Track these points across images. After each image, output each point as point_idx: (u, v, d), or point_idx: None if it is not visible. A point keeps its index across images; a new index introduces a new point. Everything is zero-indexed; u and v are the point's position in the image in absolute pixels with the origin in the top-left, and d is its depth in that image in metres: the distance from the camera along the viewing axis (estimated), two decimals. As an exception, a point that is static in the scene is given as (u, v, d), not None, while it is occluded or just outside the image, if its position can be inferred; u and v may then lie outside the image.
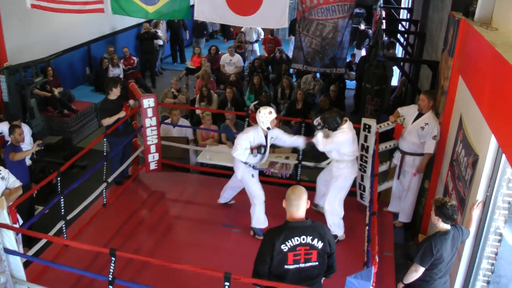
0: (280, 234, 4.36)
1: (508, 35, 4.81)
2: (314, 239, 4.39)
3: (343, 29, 10.88)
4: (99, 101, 12.66)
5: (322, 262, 4.51)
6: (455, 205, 4.99)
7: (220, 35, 22.89)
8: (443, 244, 4.95)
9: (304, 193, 4.44)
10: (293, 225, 4.40)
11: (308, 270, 4.50)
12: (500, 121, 4.16)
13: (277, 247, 4.33)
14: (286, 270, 4.44)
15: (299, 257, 4.40)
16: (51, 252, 6.67)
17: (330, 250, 4.50)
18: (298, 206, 4.41)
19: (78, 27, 13.64)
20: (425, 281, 5.16)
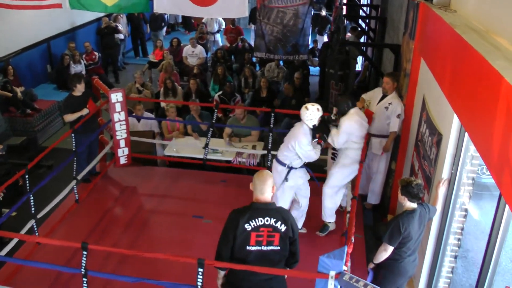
0: (245, 214, 4.44)
1: (467, 17, 4.91)
2: (278, 221, 4.44)
3: (304, 15, 10.93)
4: (62, 99, 12.48)
5: (283, 247, 4.54)
6: (421, 184, 5.07)
7: (181, 27, 22.73)
8: (410, 222, 5.03)
9: (269, 178, 4.50)
10: (258, 206, 4.47)
11: (269, 254, 4.53)
12: (462, 100, 4.26)
13: (241, 225, 4.40)
14: (248, 251, 4.48)
15: (261, 239, 4.46)
16: (23, 252, 6.59)
17: (292, 235, 4.53)
18: (262, 190, 4.47)
19: (37, 24, 13.37)
20: (395, 259, 5.24)
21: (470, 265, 6.95)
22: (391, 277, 5.35)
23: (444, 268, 5.49)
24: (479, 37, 4.01)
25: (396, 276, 5.36)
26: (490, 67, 3.27)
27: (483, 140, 3.57)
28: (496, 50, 3.58)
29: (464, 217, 5.22)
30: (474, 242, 7.30)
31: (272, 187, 4.52)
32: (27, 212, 6.72)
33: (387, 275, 5.36)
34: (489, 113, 3.36)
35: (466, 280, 6.75)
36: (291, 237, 4.53)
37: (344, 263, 4.29)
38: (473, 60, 3.73)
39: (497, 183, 3.24)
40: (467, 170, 5.00)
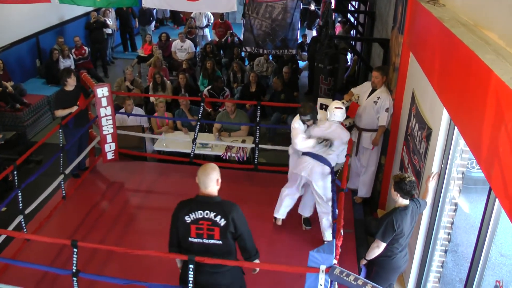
0: (186, 206, 4.49)
1: (455, 11, 4.91)
2: (217, 216, 4.42)
3: (293, 10, 10.91)
4: (51, 93, 12.39)
5: (225, 241, 4.50)
6: (414, 181, 5.05)
7: (170, 22, 22.65)
8: (403, 219, 5.00)
9: (212, 172, 4.47)
10: (200, 199, 4.48)
11: (212, 248, 4.51)
12: (451, 94, 4.26)
13: (181, 217, 4.45)
14: (190, 243, 4.51)
15: (202, 231, 4.46)
16: (11, 249, 6.53)
17: (234, 230, 4.47)
18: (205, 184, 4.44)
19: (25, 18, 13.25)
20: (387, 256, 5.23)
21: (460, 259, 6.98)
22: (384, 273, 5.35)
23: (434, 262, 5.49)
24: (468, 31, 4.00)
25: (388, 273, 5.36)
26: (479, 61, 3.26)
27: (473, 134, 3.57)
28: (485, 44, 3.57)
29: (454, 211, 5.22)
30: (464, 236, 7.34)
31: (216, 181, 4.48)
32: (15, 207, 6.66)
33: (379, 272, 5.35)
34: (478, 107, 3.35)
35: (456, 275, 6.79)
36: (234, 232, 4.49)
37: (334, 256, 4.29)
38: (462, 54, 3.72)
39: (487, 177, 3.23)
40: (457, 164, 5.00)
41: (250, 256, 4.70)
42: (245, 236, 4.56)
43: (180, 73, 12.24)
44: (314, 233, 6.98)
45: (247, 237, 4.59)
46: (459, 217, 5.39)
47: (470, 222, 7.53)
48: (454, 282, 6.73)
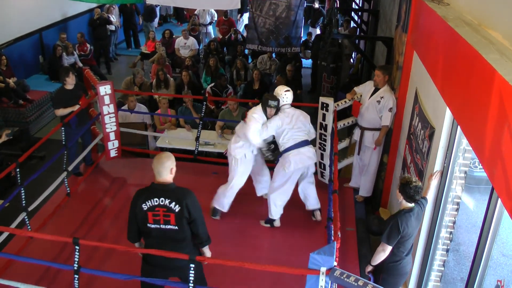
0: (142, 194, 4.71)
1: (459, 10, 4.90)
2: (172, 202, 4.61)
3: (296, 7, 10.93)
4: (54, 89, 12.42)
5: (181, 227, 4.69)
6: (420, 187, 4.98)
7: (173, 19, 22.65)
8: (408, 221, 4.95)
9: (167, 161, 4.70)
10: (155, 187, 4.69)
11: (170, 232, 4.72)
12: (454, 93, 4.26)
13: (139, 205, 4.67)
14: (149, 228, 4.73)
15: (158, 218, 4.66)
16: (14, 245, 6.54)
17: (189, 216, 4.65)
18: (160, 172, 4.66)
19: (29, 14, 13.29)
20: (395, 261, 5.17)
21: (462, 258, 6.98)
22: (391, 280, 5.26)
23: (435, 261, 5.49)
24: (472, 31, 3.99)
25: (396, 278, 5.29)
26: (483, 61, 3.26)
27: (476, 134, 3.57)
28: (489, 44, 3.56)
29: (456, 211, 5.21)
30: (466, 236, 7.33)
31: (170, 169, 4.70)
32: (18, 202, 6.66)
33: (387, 279, 5.26)
34: (481, 107, 3.35)
35: (457, 274, 6.78)
36: (187, 217, 4.66)
37: (334, 258, 4.28)
38: (466, 53, 3.72)
39: (489, 177, 3.23)
40: (459, 163, 4.99)
41: (202, 241, 4.90)
42: (198, 222, 4.73)
43: (184, 70, 12.24)
44: (315, 231, 6.98)
45: (200, 223, 4.76)
46: (461, 216, 5.38)
47: (472, 221, 7.52)
48: (455, 281, 6.73)
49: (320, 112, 7.56)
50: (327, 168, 7.78)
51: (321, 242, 6.26)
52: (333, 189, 6.08)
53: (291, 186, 6.98)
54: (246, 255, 6.49)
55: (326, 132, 7.60)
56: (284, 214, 7.34)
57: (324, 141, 7.68)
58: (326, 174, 7.92)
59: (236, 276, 5.95)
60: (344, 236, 6.69)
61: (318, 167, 8.03)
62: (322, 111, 7.53)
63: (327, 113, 7.49)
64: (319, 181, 8.11)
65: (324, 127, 7.59)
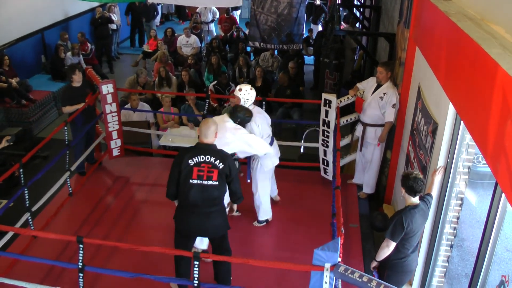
0: (189, 151, 5.23)
1: (461, 4, 4.88)
2: (217, 160, 5.15)
3: (298, 4, 10.92)
4: (57, 89, 12.46)
5: (221, 183, 5.19)
6: (420, 179, 4.97)
7: (175, 17, 22.65)
8: (413, 218, 4.94)
9: (212, 125, 5.23)
10: (201, 146, 5.23)
11: (209, 189, 5.16)
12: (457, 89, 4.24)
13: (185, 160, 5.14)
14: (190, 184, 5.15)
15: (202, 173, 5.14)
16: (18, 245, 6.55)
17: (229, 173, 5.20)
18: (206, 135, 5.20)
19: (31, 14, 13.31)
20: (399, 258, 5.16)
21: (466, 254, 6.97)
22: (396, 277, 5.24)
23: (439, 257, 5.48)
24: (474, 25, 3.98)
25: (400, 275, 5.27)
26: (485, 55, 3.24)
27: (479, 129, 3.55)
28: (492, 38, 3.55)
29: (460, 206, 5.20)
30: (470, 231, 7.32)
31: (215, 133, 5.25)
32: (21, 202, 6.67)
33: (391, 276, 5.24)
34: (485, 102, 3.34)
35: (461, 269, 6.78)
36: (228, 175, 5.20)
37: (338, 254, 4.28)
38: (468, 48, 3.70)
39: (493, 172, 3.22)
40: (463, 158, 4.98)
41: (238, 197, 5.45)
42: (235, 179, 5.31)
43: (183, 70, 12.25)
44: (319, 228, 6.97)
45: (237, 180, 5.33)
46: (464, 212, 5.37)
47: (476, 217, 7.51)
48: (459, 277, 6.73)
49: (323, 109, 7.55)
50: (330, 164, 7.77)
51: (325, 238, 6.25)
52: (336, 185, 6.08)
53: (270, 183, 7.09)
54: (251, 252, 6.50)
55: (329, 128, 7.59)
56: (287, 211, 7.35)
57: (327, 137, 7.67)
58: (329, 170, 7.91)
59: (240, 273, 5.95)
60: (348, 232, 6.69)
61: (321, 164, 8.03)
62: (325, 107, 7.52)
63: (329, 109, 7.48)
64: (322, 177, 8.11)
65: (327, 123, 7.58)
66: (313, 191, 7.93)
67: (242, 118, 6.29)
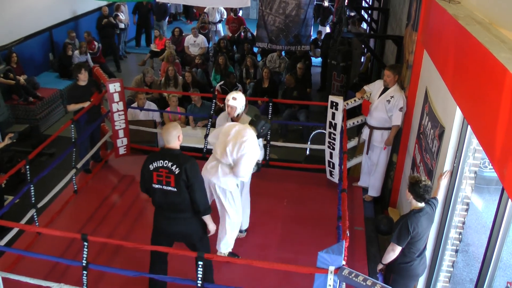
0: (152, 157, 5.19)
1: (470, 8, 4.86)
2: (174, 165, 5.02)
3: (306, 6, 10.89)
4: (64, 87, 12.47)
5: (179, 189, 5.04)
6: (429, 186, 4.94)
7: (183, 17, 22.67)
8: (418, 222, 4.92)
9: (173, 130, 5.12)
10: (162, 151, 5.19)
11: (169, 194, 5.09)
12: (464, 93, 4.22)
13: (147, 165, 5.16)
14: (153, 188, 5.16)
15: (161, 178, 5.07)
16: (23, 242, 6.57)
17: (187, 179, 5.02)
18: (168, 140, 5.12)
19: (39, 12, 13.34)
20: (406, 263, 5.15)
21: (471, 259, 6.94)
22: (402, 281, 5.22)
23: (444, 262, 5.46)
24: (483, 29, 3.96)
25: (406, 280, 5.25)
26: (494, 59, 3.22)
27: (486, 133, 3.53)
28: (500, 42, 3.53)
29: (465, 211, 5.18)
30: (475, 236, 7.29)
31: (177, 137, 5.13)
32: (27, 199, 6.70)
33: (397, 279, 5.23)
34: (492, 106, 3.31)
35: (466, 275, 6.75)
36: (185, 181, 5.01)
37: (343, 257, 4.27)
38: (476, 52, 3.68)
39: (500, 177, 3.20)
40: (469, 163, 4.96)
41: (199, 210, 5.16)
42: (195, 187, 5.06)
43: (187, 71, 12.25)
44: (324, 230, 6.95)
45: (197, 189, 5.09)
46: (470, 217, 5.35)
47: (481, 222, 7.48)
48: (464, 282, 6.70)
49: (330, 111, 7.53)
50: (337, 167, 7.75)
51: (329, 241, 6.24)
52: (342, 188, 6.06)
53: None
54: (255, 254, 6.48)
55: (335, 131, 7.56)
56: (292, 212, 7.33)
57: (333, 140, 7.65)
58: (335, 173, 7.88)
59: (244, 274, 5.94)
60: (352, 235, 6.66)
61: (327, 166, 8.01)
62: (332, 110, 7.50)
63: (336, 111, 7.45)
64: (327, 179, 8.09)
65: (334, 126, 7.56)
66: (319, 193, 7.91)
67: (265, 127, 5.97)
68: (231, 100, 6.27)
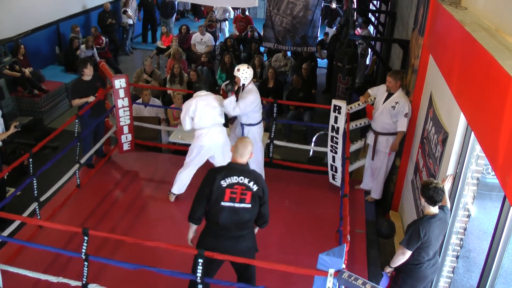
0: (221, 171, 4.89)
1: (477, 14, 4.86)
2: (251, 181, 4.85)
3: (314, 7, 10.89)
4: (69, 81, 12.49)
5: (254, 205, 4.90)
6: (440, 188, 4.84)
7: (191, 14, 22.68)
8: (430, 227, 4.87)
9: (250, 145, 4.95)
10: (234, 166, 4.91)
11: (240, 212, 4.88)
12: (469, 99, 4.22)
13: (217, 181, 4.81)
14: (221, 207, 4.85)
15: (235, 195, 4.84)
16: (24, 234, 6.58)
17: (263, 196, 4.92)
18: (242, 154, 4.90)
19: (47, 5, 13.40)
20: (414, 264, 5.10)
21: (472, 265, 6.92)
22: (410, 281, 5.19)
23: (445, 268, 5.46)
24: (489, 36, 3.96)
25: (415, 281, 5.20)
26: (499, 67, 3.22)
27: (489, 140, 3.53)
28: (506, 50, 3.53)
29: (467, 217, 5.17)
30: (476, 242, 7.27)
31: (250, 154, 4.96)
32: (30, 191, 6.72)
33: (406, 280, 5.18)
34: (496, 113, 3.31)
35: (467, 281, 6.73)
36: (261, 197, 4.92)
37: (343, 260, 4.27)
38: (482, 59, 3.68)
39: (502, 184, 3.20)
40: (472, 169, 4.95)
41: (265, 221, 5.15)
42: (267, 203, 5.01)
43: (192, 69, 12.25)
44: (324, 232, 6.95)
45: (267, 204, 5.03)
46: (471, 223, 5.33)
47: (483, 229, 7.46)
48: (464, 288, 6.69)
49: (332, 115, 7.51)
50: (339, 170, 7.74)
51: (330, 243, 6.24)
52: (344, 193, 6.07)
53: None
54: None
55: (338, 134, 7.55)
56: (294, 213, 7.33)
57: (335, 143, 7.63)
58: (337, 176, 7.87)
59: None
60: (353, 238, 6.66)
61: (330, 170, 8.00)
62: (334, 113, 7.48)
63: (339, 115, 7.44)
64: (330, 183, 8.09)
65: (336, 129, 7.54)
66: (321, 195, 7.91)
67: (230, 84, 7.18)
68: (236, 71, 7.17)
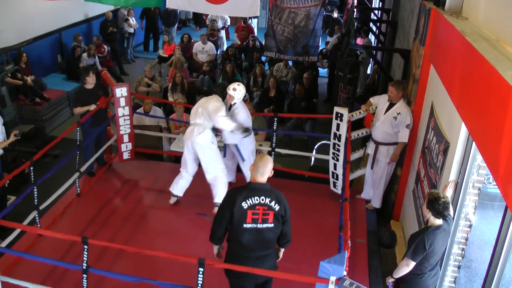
0: (242, 192, 4.70)
1: (478, 24, 4.87)
2: (272, 201, 4.69)
3: (316, 17, 10.92)
4: (71, 89, 12.54)
5: (277, 224, 4.76)
6: (448, 203, 4.86)
7: (192, 23, 22.75)
8: (435, 239, 4.87)
9: (270, 163, 4.77)
10: (254, 186, 4.73)
11: (264, 232, 4.74)
12: (470, 109, 4.22)
13: (238, 203, 4.64)
14: (243, 229, 4.70)
15: (257, 216, 4.69)
16: (24, 243, 6.58)
17: (285, 214, 4.78)
18: (263, 173, 4.74)
19: (49, 14, 13.43)
20: (416, 274, 5.09)
21: (473, 275, 6.90)
22: None
23: (446, 277, 5.44)
24: (489, 46, 3.97)
25: None
26: (499, 77, 3.23)
27: (491, 150, 3.53)
28: (507, 60, 3.54)
29: (468, 227, 5.16)
30: (478, 252, 7.25)
31: (271, 171, 4.79)
32: (30, 200, 6.70)
33: None
34: (497, 123, 3.32)
35: (468, 291, 6.71)
36: (283, 216, 4.78)
37: (344, 268, 4.26)
38: (482, 69, 3.69)
39: (503, 194, 3.20)
40: (473, 179, 4.95)
41: (287, 241, 5.00)
42: (288, 222, 4.88)
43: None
44: (325, 240, 6.94)
45: (289, 223, 4.90)
46: (473, 233, 5.31)
47: (484, 239, 7.44)
48: (466, 298, 6.67)
49: (334, 122, 7.52)
50: (340, 178, 7.74)
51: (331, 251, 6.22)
52: (344, 197, 6.07)
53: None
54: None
55: (339, 142, 7.55)
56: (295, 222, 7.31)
57: (337, 151, 7.64)
58: (338, 184, 7.87)
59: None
60: (354, 247, 6.65)
61: (331, 177, 8.00)
62: (336, 121, 7.49)
63: (341, 123, 7.45)
64: (331, 191, 8.08)
65: (338, 137, 7.55)
66: (322, 204, 7.89)
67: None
68: (231, 90, 7.20)
